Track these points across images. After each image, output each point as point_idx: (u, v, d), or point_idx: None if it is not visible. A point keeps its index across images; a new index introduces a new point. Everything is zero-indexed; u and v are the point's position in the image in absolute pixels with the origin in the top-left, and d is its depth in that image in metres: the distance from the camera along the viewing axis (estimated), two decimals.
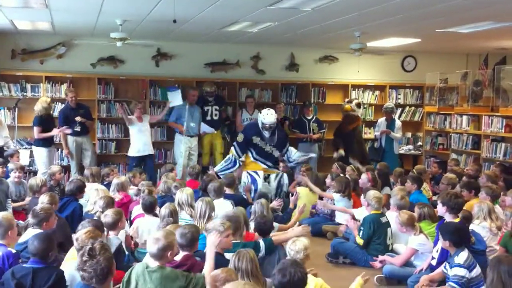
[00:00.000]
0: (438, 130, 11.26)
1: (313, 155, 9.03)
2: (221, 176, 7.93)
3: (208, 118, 10.03)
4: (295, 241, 4.47)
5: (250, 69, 10.99)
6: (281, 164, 8.82)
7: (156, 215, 5.83)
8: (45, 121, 8.91)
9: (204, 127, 9.95)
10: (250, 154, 8.42)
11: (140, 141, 9.42)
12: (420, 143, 11.74)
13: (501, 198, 6.63)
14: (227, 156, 8.62)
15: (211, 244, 4.25)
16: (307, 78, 11.22)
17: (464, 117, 10.45)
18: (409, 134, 11.80)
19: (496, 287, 3.51)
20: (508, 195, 6.12)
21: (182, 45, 10.46)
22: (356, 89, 11.53)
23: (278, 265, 3.70)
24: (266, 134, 8.28)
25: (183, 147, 9.72)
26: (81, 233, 4.22)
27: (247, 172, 8.31)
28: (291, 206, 7.19)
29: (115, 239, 4.94)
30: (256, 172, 8.28)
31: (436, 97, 11.32)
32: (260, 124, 8.29)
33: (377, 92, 11.67)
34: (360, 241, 6.07)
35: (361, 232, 6.10)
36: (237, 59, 10.84)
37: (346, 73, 11.42)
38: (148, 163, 9.52)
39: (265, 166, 8.39)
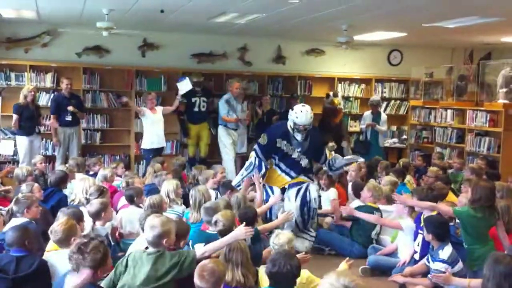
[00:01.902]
0: (422, 124, 11.34)
1: (361, 159, 7.17)
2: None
3: (196, 109, 9.97)
4: (278, 235, 4.49)
5: (237, 61, 10.96)
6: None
7: (139, 206, 5.81)
8: (24, 109, 8.80)
9: (183, 85, 9.59)
10: (272, 160, 6.49)
11: (153, 133, 9.25)
12: (405, 136, 11.81)
13: None
14: (247, 163, 6.73)
15: (236, 235, 4.17)
16: (293, 71, 11.22)
17: (449, 111, 10.54)
18: (394, 128, 11.87)
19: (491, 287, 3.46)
20: None
21: (169, 35, 10.39)
22: (342, 82, 11.57)
23: (272, 255, 3.75)
24: (299, 137, 6.19)
25: (229, 139, 9.65)
26: (57, 224, 4.21)
27: (264, 186, 6.49)
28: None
29: (101, 229, 4.94)
30: (271, 189, 6.45)
31: (421, 91, 11.40)
32: (291, 124, 6.18)
33: (363, 86, 11.71)
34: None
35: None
36: (224, 51, 10.80)
37: (333, 66, 11.46)
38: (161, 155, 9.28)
39: (287, 178, 6.40)
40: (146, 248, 3.96)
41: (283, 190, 6.40)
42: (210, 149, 10.32)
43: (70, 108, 9.12)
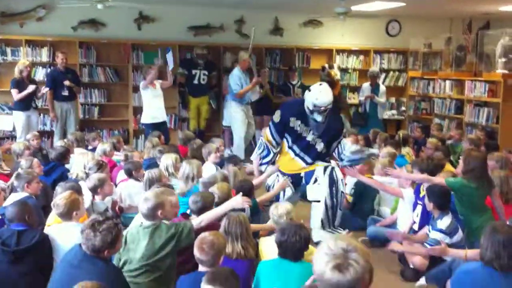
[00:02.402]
0: (421, 95, 11.31)
1: (374, 151, 6.57)
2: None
3: (195, 82, 9.93)
4: (277, 206, 4.51)
5: (234, 33, 10.86)
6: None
7: (138, 180, 5.82)
8: (21, 84, 8.75)
9: (169, 59, 9.37)
10: (285, 141, 5.89)
11: (154, 107, 9.05)
12: (403, 108, 11.79)
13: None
14: (259, 142, 6.27)
15: (233, 204, 4.27)
16: (291, 43, 11.14)
17: (448, 82, 10.51)
18: (392, 99, 11.83)
19: (490, 256, 3.44)
20: (490, 160, 6.16)
21: (165, 8, 10.29)
22: (340, 54, 11.50)
23: (282, 224, 3.86)
24: (319, 118, 5.58)
25: (242, 116, 9.45)
26: (59, 198, 4.22)
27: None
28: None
29: (101, 203, 4.96)
30: (283, 174, 5.91)
31: (420, 62, 11.35)
32: (310, 106, 5.58)
33: (361, 57, 11.64)
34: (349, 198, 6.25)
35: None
36: (220, 23, 10.71)
37: (331, 38, 11.37)
38: (163, 130, 8.95)
39: (302, 164, 5.84)
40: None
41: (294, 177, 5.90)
42: (208, 123, 10.32)
43: (67, 82, 9.08)
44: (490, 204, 5.22)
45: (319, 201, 5.70)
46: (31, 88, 8.68)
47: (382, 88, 10.58)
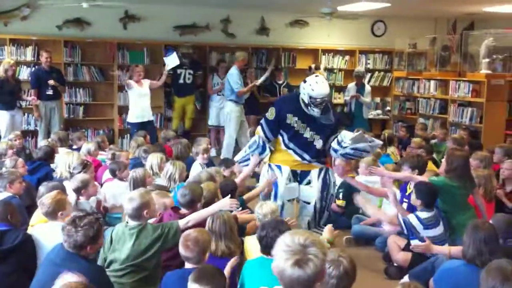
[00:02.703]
0: (406, 95, 11.39)
1: (378, 142, 5.61)
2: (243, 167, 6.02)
3: (181, 81, 9.91)
4: (262, 205, 4.52)
5: (220, 33, 10.86)
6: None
7: (121, 179, 5.81)
8: (4, 84, 8.64)
9: (170, 60, 9.38)
10: (281, 138, 5.59)
11: (140, 107, 8.98)
12: (388, 107, 11.86)
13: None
14: (252, 140, 5.80)
15: (220, 205, 4.26)
16: (277, 43, 11.15)
17: (432, 82, 10.59)
18: (377, 99, 11.90)
19: (472, 254, 3.51)
20: (474, 159, 6.21)
21: (151, 7, 10.24)
22: (326, 54, 11.54)
23: (263, 221, 3.89)
24: (315, 112, 5.36)
25: (238, 116, 9.37)
26: (45, 197, 4.20)
27: (270, 166, 5.70)
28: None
29: (85, 203, 4.93)
30: (279, 168, 5.62)
31: (405, 62, 11.43)
32: (305, 98, 5.32)
33: (347, 57, 11.69)
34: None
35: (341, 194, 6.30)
36: (206, 23, 10.70)
37: (317, 38, 11.40)
38: (150, 129, 8.92)
39: (299, 159, 5.56)
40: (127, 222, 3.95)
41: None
42: (193, 122, 10.31)
43: (51, 82, 9.01)
44: (473, 203, 5.27)
45: (309, 203, 5.64)
46: None
47: (368, 88, 10.62)
